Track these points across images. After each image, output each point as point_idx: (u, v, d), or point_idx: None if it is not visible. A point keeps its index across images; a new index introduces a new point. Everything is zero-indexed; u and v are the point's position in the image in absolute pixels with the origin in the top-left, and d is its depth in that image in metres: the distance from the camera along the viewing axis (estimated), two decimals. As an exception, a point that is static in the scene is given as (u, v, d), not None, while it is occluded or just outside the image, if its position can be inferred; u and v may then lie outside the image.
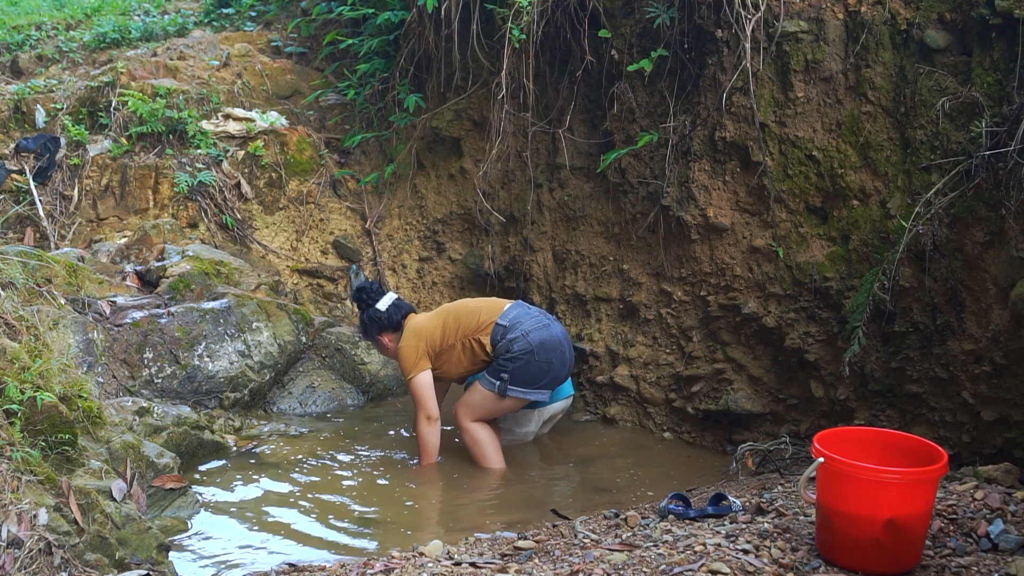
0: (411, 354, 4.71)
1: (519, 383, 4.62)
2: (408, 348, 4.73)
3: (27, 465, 3.15)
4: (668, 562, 3.14)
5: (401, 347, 4.75)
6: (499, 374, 4.63)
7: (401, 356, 4.74)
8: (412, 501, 4.46)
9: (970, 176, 4.14)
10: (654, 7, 5.10)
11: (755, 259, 4.95)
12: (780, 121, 4.77)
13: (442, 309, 4.91)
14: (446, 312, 4.84)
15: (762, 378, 5.02)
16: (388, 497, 4.46)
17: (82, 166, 6.43)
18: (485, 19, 5.89)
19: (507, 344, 4.61)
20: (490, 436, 4.78)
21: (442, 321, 4.77)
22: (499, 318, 4.67)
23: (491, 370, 4.67)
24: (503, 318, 4.67)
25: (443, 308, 4.93)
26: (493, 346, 4.63)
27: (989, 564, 3.02)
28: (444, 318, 4.78)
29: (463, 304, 4.94)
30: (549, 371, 4.65)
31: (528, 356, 4.59)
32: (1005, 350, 4.08)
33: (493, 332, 4.64)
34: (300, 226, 6.65)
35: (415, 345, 4.72)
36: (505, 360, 4.61)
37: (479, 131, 6.26)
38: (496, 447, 4.78)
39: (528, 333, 4.62)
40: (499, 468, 4.73)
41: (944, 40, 4.34)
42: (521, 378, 4.61)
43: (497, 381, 4.63)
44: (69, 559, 3.00)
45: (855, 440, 3.34)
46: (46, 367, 3.50)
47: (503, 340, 4.62)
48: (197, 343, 5.13)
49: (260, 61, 7.24)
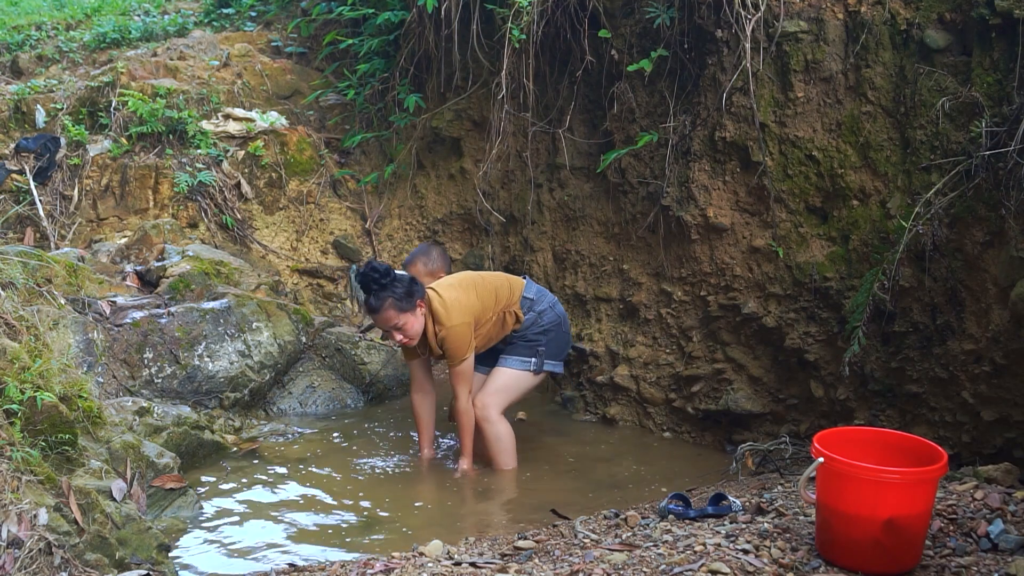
0: (467, 333, 4.43)
1: (552, 356, 4.70)
2: (464, 327, 4.42)
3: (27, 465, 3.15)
4: (668, 562, 3.14)
5: (456, 326, 4.40)
6: (535, 349, 4.63)
7: (456, 336, 4.42)
8: (412, 501, 4.46)
9: (970, 176, 4.14)
10: (654, 7, 5.10)
11: (755, 259, 4.95)
12: (780, 121, 4.77)
13: (466, 281, 4.60)
14: (475, 284, 4.57)
15: (762, 378, 5.02)
16: (388, 497, 4.46)
17: (82, 166, 6.43)
18: (485, 19, 5.89)
19: (535, 316, 4.63)
20: (512, 434, 4.71)
21: (477, 294, 4.52)
22: (525, 291, 4.66)
23: (521, 349, 4.63)
24: (528, 291, 4.67)
25: (466, 280, 4.62)
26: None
27: (989, 564, 3.02)
28: (478, 290, 4.53)
29: (485, 276, 4.72)
30: (568, 342, 4.84)
31: (557, 328, 4.70)
32: (1005, 350, 4.08)
33: (522, 304, 4.64)
34: (300, 226, 6.65)
35: (470, 323, 4.44)
36: (537, 334, 4.64)
37: (479, 131, 6.26)
38: (515, 446, 4.72)
39: (554, 305, 4.73)
40: (514, 468, 4.70)
41: (944, 40, 4.34)
42: (553, 350, 4.70)
43: (533, 358, 4.64)
44: (69, 559, 3.00)
45: (855, 440, 3.34)
46: (46, 367, 3.50)
47: (530, 312, 4.63)
48: (197, 343, 5.13)
49: (260, 61, 7.24)
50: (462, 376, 4.52)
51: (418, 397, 4.77)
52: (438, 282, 4.61)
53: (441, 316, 4.42)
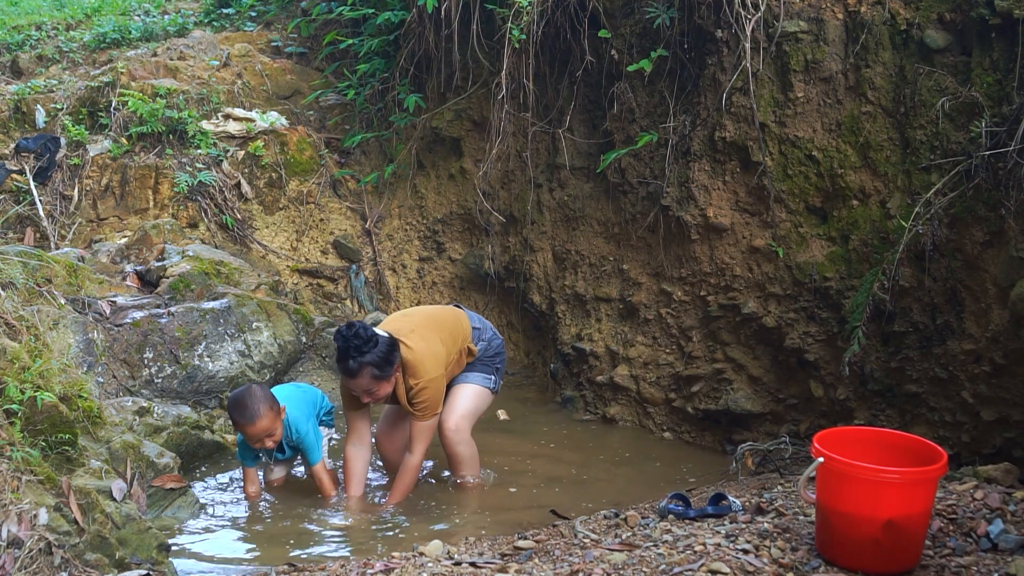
0: (442, 386, 4.26)
1: (500, 377, 4.68)
2: (440, 380, 4.23)
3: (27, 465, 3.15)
4: (668, 562, 3.14)
5: (434, 379, 4.19)
6: (493, 367, 4.59)
7: (433, 390, 4.20)
8: (412, 501, 4.46)
9: (970, 176, 4.14)
10: (654, 7, 5.11)
11: (755, 259, 4.95)
12: (780, 121, 4.77)
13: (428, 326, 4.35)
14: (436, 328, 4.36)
15: (762, 378, 5.02)
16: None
17: (82, 166, 6.43)
18: (485, 19, 5.89)
19: (486, 345, 4.56)
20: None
21: (441, 339, 4.31)
22: (472, 322, 4.55)
23: (481, 367, 4.54)
24: (473, 321, 4.57)
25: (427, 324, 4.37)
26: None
27: (989, 564, 3.02)
28: (441, 335, 4.33)
29: (439, 315, 4.52)
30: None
31: (503, 352, 4.69)
32: (1005, 350, 4.08)
33: (472, 336, 4.52)
34: (300, 226, 6.65)
35: (443, 375, 4.27)
36: (492, 356, 4.59)
37: (479, 131, 6.27)
38: None
39: (495, 332, 4.69)
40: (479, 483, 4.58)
41: (944, 40, 4.34)
42: (502, 373, 4.68)
43: (493, 375, 4.59)
44: (69, 559, 3.00)
45: (855, 440, 3.34)
46: (46, 367, 3.50)
47: (480, 342, 4.53)
48: (197, 343, 5.13)
49: (260, 61, 7.25)
50: (427, 432, 4.25)
51: (354, 451, 4.35)
52: (397, 329, 4.26)
53: (418, 370, 4.17)
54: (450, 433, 4.39)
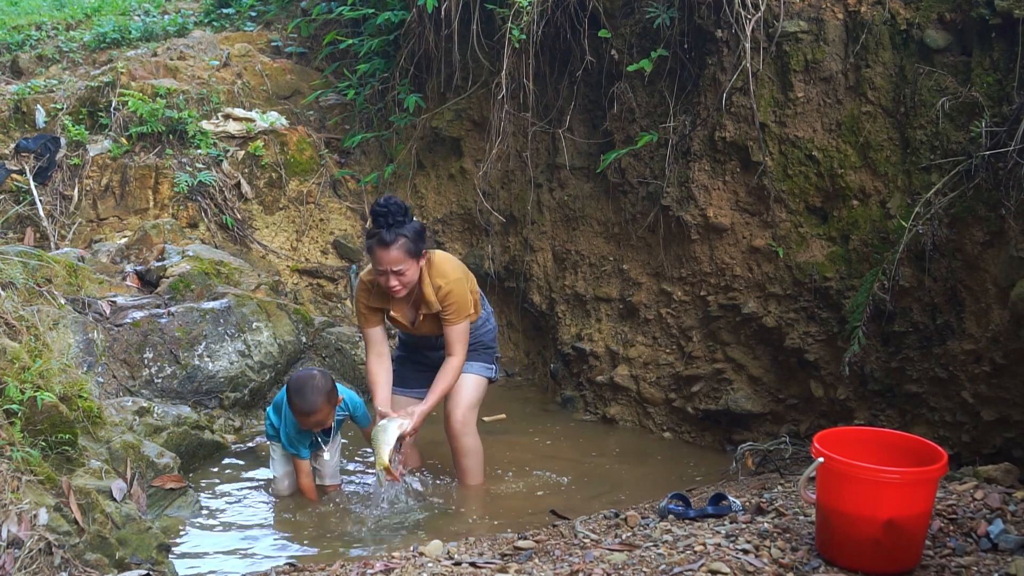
0: (466, 291, 4.25)
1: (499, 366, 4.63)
2: (463, 284, 4.25)
3: (27, 465, 3.15)
4: (668, 562, 3.14)
5: (456, 282, 4.21)
6: (494, 356, 4.55)
7: (458, 294, 4.20)
8: (412, 500, 4.46)
9: (970, 176, 4.14)
10: (654, 7, 5.10)
11: (755, 259, 4.95)
12: (780, 121, 4.77)
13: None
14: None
15: (762, 378, 5.02)
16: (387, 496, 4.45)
17: (82, 166, 6.43)
18: (485, 19, 5.89)
19: (486, 315, 4.51)
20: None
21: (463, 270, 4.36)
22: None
23: (483, 356, 4.50)
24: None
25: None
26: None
27: (989, 564, 3.02)
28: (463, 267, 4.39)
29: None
30: None
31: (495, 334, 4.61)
32: (1005, 350, 4.08)
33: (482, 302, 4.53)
34: (300, 226, 6.65)
35: (465, 282, 4.28)
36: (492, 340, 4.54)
37: (479, 131, 6.27)
38: None
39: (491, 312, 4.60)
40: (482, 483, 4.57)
41: (944, 40, 4.34)
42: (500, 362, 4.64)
43: (493, 365, 4.55)
44: (69, 559, 3.00)
45: (855, 440, 3.34)
46: (46, 367, 3.50)
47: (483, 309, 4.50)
48: (197, 343, 5.13)
49: (260, 61, 7.25)
50: (462, 335, 4.26)
51: (377, 361, 4.35)
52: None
53: (443, 269, 4.22)
54: (458, 425, 4.42)
